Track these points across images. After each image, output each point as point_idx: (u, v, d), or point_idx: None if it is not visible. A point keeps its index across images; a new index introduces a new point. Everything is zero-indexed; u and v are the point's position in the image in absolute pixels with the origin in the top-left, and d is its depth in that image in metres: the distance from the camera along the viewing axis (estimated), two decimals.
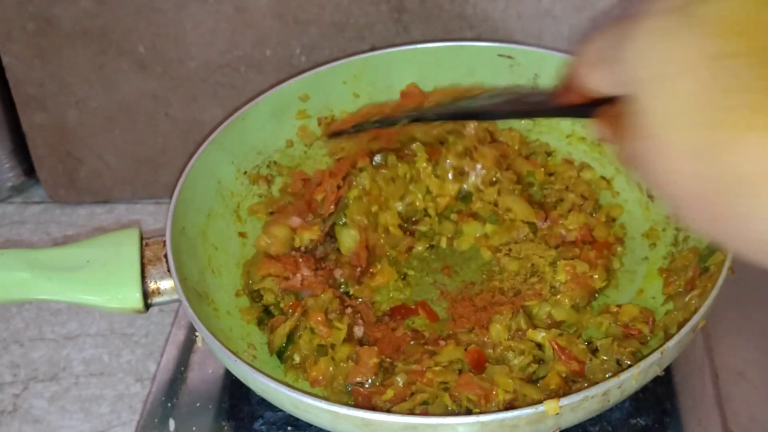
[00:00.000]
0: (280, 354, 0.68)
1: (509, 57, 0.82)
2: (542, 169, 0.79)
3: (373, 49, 0.85)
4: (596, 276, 0.70)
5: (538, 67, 0.82)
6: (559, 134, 0.83)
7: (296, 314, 0.68)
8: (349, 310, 0.70)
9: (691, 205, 0.40)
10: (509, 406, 0.60)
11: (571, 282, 0.69)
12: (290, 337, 0.68)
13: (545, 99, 0.55)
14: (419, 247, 0.77)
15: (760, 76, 0.36)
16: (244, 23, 0.84)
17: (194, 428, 0.68)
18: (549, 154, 0.82)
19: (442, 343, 0.67)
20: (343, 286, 0.73)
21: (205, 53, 0.86)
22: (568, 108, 0.52)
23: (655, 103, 0.39)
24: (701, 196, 0.38)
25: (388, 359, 0.67)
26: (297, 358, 0.67)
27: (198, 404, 0.69)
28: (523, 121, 0.83)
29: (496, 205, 0.76)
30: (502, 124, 0.82)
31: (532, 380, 0.63)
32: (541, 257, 0.72)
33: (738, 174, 0.36)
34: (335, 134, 0.75)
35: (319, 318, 0.67)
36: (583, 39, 0.48)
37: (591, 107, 0.50)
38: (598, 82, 0.46)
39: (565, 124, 0.82)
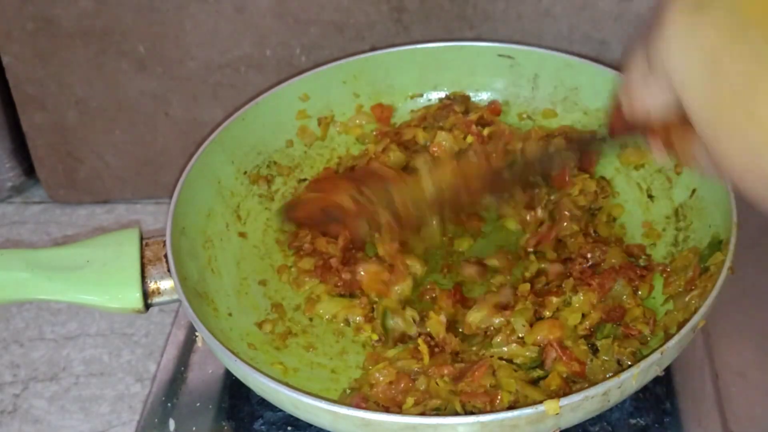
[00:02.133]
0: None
1: (509, 57, 0.82)
2: None
3: (373, 49, 0.85)
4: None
5: (538, 67, 0.82)
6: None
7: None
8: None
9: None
10: (509, 407, 0.60)
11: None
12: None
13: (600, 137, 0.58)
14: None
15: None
16: (244, 23, 0.84)
17: (194, 428, 0.68)
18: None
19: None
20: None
21: (205, 53, 0.86)
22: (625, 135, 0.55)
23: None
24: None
25: None
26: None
27: (198, 404, 0.69)
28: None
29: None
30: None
31: (533, 381, 0.63)
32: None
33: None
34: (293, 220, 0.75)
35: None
36: (624, 66, 0.50)
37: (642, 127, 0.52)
38: (652, 102, 0.49)
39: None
